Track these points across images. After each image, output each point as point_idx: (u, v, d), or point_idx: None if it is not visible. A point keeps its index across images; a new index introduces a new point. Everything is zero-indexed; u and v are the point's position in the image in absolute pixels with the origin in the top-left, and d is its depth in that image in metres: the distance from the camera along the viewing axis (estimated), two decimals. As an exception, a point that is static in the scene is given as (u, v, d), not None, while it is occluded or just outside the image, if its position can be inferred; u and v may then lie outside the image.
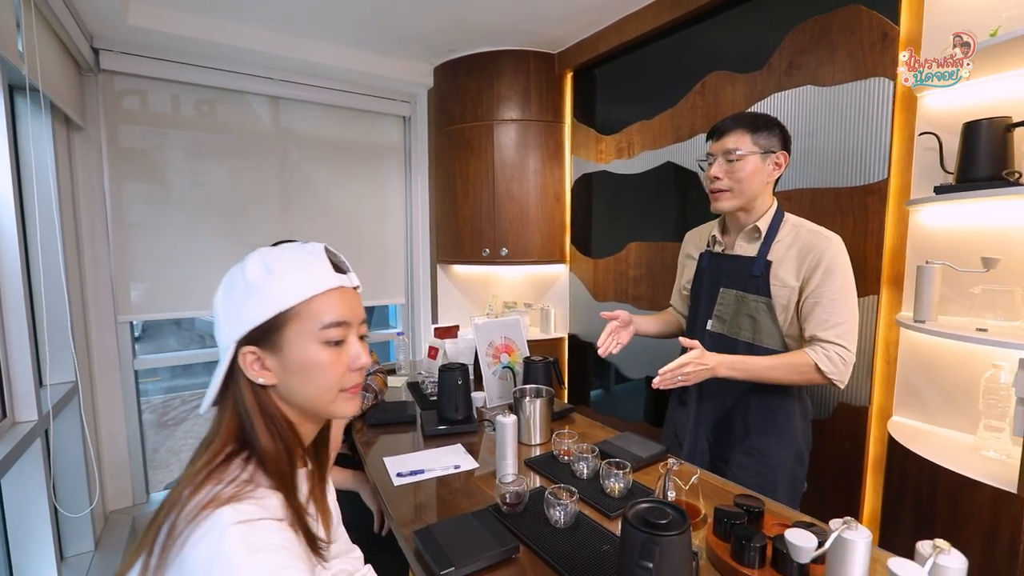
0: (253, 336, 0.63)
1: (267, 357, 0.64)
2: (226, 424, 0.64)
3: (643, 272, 2.35)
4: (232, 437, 0.63)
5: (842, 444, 1.61)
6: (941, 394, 1.45)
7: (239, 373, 0.64)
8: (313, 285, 0.65)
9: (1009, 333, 1.19)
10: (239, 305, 0.64)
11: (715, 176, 1.25)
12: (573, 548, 0.92)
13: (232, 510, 0.55)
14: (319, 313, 0.65)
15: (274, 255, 0.66)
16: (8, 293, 1.55)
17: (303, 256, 0.66)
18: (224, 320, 0.64)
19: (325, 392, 0.67)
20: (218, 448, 0.62)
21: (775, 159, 1.22)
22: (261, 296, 0.63)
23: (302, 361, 0.64)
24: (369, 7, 2.17)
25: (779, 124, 1.24)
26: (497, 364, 1.73)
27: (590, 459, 1.20)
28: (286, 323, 0.64)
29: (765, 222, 1.25)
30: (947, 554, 0.66)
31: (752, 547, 0.83)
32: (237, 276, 0.65)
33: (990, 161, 1.23)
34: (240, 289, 0.64)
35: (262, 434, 0.64)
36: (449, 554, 0.87)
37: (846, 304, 1.16)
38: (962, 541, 1.17)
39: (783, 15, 1.73)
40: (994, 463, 1.23)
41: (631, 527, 0.69)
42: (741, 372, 1.18)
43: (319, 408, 0.68)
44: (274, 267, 0.64)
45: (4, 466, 1.36)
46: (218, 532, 0.53)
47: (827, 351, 1.15)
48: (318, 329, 0.65)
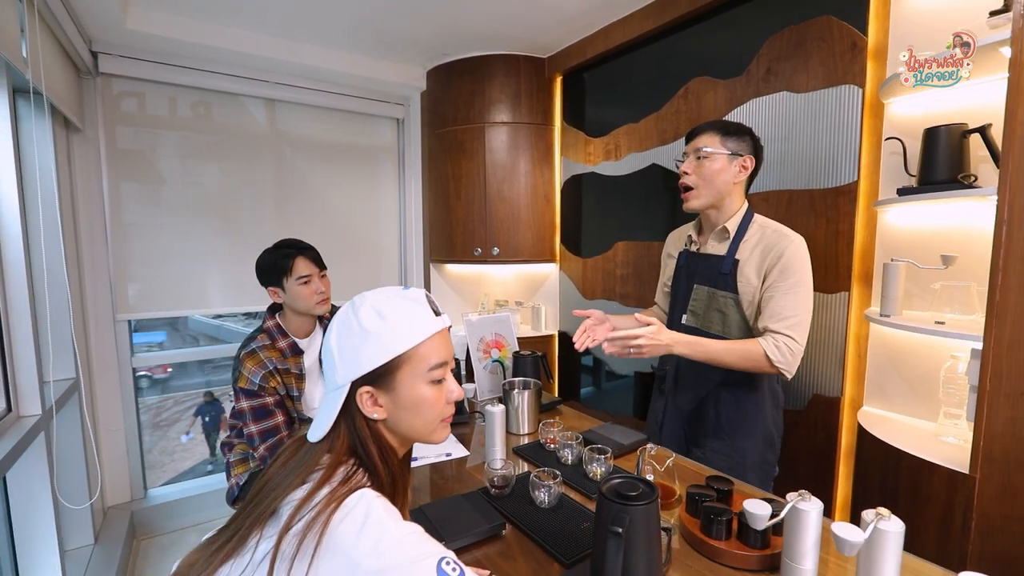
0: (369, 377, 0.71)
1: (380, 395, 0.72)
2: (339, 448, 0.70)
3: (630, 271, 2.43)
4: (346, 454, 0.70)
5: (816, 433, 1.69)
6: (906, 384, 1.54)
7: (354, 408, 0.72)
8: (422, 332, 0.72)
9: (964, 326, 1.27)
10: (356, 349, 0.70)
11: (684, 171, 1.34)
12: (556, 526, 0.99)
13: (369, 490, 0.65)
14: (427, 356, 0.72)
15: (385, 303, 0.73)
16: (12, 291, 1.60)
17: (410, 305, 0.74)
18: (340, 362, 0.71)
19: (430, 423, 0.75)
20: (334, 465, 0.68)
21: (742, 162, 1.31)
22: (378, 342, 0.70)
23: (413, 398, 0.72)
24: (363, 12, 2.23)
25: (751, 133, 1.33)
26: (488, 359, 1.80)
27: (574, 446, 1.27)
28: (400, 366, 0.71)
29: (734, 223, 1.33)
30: (887, 520, 0.73)
31: (719, 521, 0.91)
32: (351, 321, 0.72)
33: (948, 165, 1.31)
34: (356, 334, 0.71)
35: (375, 459, 0.72)
36: (440, 530, 0.94)
37: (799, 299, 1.24)
38: (923, 521, 1.26)
39: (761, 24, 1.81)
40: (952, 447, 1.31)
41: (604, 499, 0.76)
42: (695, 351, 1.24)
43: (422, 437, 0.76)
44: (387, 315, 0.71)
45: (11, 458, 1.41)
46: (365, 502, 0.63)
47: (777, 342, 1.23)
48: (426, 371, 0.73)
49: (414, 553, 0.61)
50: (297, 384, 1.57)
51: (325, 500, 0.63)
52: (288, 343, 1.57)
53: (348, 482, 0.67)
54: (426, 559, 0.61)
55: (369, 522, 0.61)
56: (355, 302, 0.74)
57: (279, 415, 1.49)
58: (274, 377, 1.50)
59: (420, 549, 0.62)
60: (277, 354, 1.54)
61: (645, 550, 0.75)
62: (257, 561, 0.62)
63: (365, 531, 0.61)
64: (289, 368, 1.55)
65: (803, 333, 1.24)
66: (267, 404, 1.48)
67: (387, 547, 0.60)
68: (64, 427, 1.97)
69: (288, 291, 1.55)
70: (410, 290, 0.76)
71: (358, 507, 0.62)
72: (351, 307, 0.73)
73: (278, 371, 1.52)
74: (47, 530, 1.71)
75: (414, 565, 0.60)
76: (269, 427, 1.47)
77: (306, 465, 0.69)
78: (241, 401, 1.48)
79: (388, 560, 0.59)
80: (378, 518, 0.62)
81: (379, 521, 0.62)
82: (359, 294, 0.75)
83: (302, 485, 0.66)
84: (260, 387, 1.47)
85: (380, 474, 0.71)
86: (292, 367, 1.56)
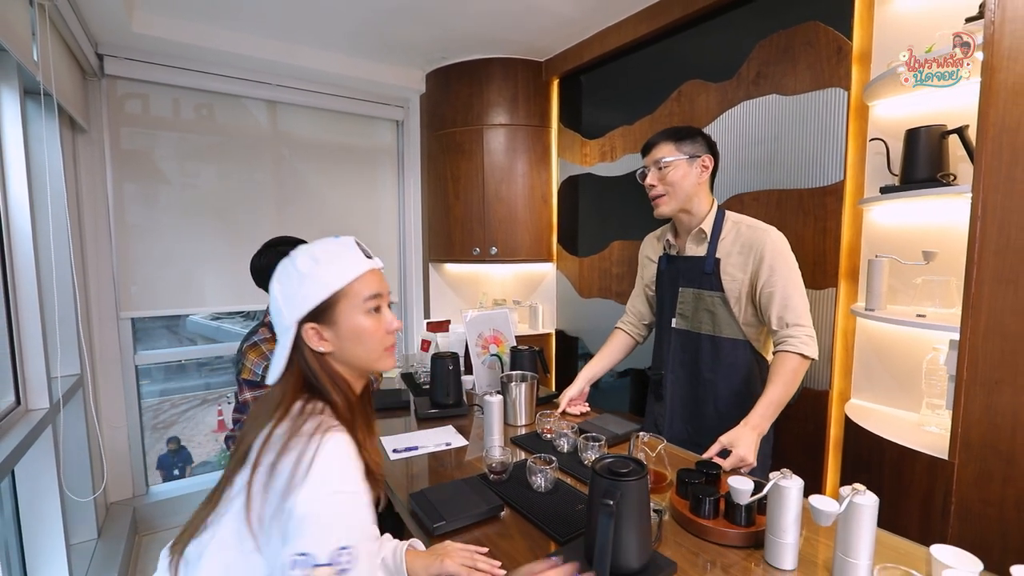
0: (312, 315, 0.78)
1: (324, 330, 0.79)
2: (292, 384, 0.79)
3: (626, 269, 2.48)
4: (300, 390, 0.78)
5: (806, 426, 1.74)
6: (891, 377, 1.59)
7: (303, 346, 0.79)
8: (355, 270, 0.81)
9: (944, 318, 1.32)
10: (296, 291, 0.78)
11: (650, 184, 1.41)
12: (551, 508, 1.04)
13: (332, 434, 0.71)
14: (361, 290, 0.81)
15: (319, 249, 0.81)
16: (23, 287, 1.64)
17: (340, 248, 0.83)
18: (285, 306, 0.79)
19: (372, 351, 0.83)
20: (291, 399, 0.77)
21: (701, 162, 1.37)
22: (316, 282, 0.78)
23: (354, 328, 0.80)
24: (364, 16, 2.28)
25: (701, 132, 1.40)
26: (486, 354, 1.84)
27: (570, 435, 1.31)
28: (338, 301, 0.79)
29: (708, 223, 1.39)
30: (862, 494, 0.78)
31: (707, 500, 0.95)
32: (289, 268, 0.80)
33: (928, 164, 1.37)
34: (296, 278, 0.79)
35: (329, 390, 0.79)
36: (441, 511, 0.98)
37: (795, 287, 1.30)
38: (906, 506, 1.30)
39: (751, 29, 1.87)
40: (933, 436, 1.36)
41: (597, 475, 0.80)
42: (771, 412, 1.23)
43: (369, 365, 0.84)
44: (321, 258, 0.80)
45: (20, 450, 1.45)
46: (325, 449, 0.69)
47: (800, 338, 1.26)
48: (362, 302, 0.81)
49: (331, 522, 0.66)
50: None
51: (286, 435, 0.71)
52: None
53: (304, 414, 0.74)
54: (335, 534, 0.66)
55: (316, 467, 0.67)
56: (291, 254, 0.82)
57: None
58: None
59: (341, 521, 0.67)
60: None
61: (636, 525, 0.79)
62: (231, 499, 0.71)
63: (311, 474, 0.66)
64: None
65: (809, 316, 1.30)
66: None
67: (321, 496, 0.66)
68: (69, 422, 2.01)
69: None
70: (341, 238, 0.85)
71: (312, 447, 0.68)
72: (288, 259, 0.81)
73: None
74: (54, 523, 1.74)
75: (325, 530, 0.65)
76: None
77: (268, 407, 0.77)
78: (245, 392, 1.52)
79: (311, 508, 0.65)
80: (324, 466, 0.67)
81: (324, 468, 0.67)
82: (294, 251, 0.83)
83: (265, 425, 0.74)
84: (263, 377, 1.51)
85: (337, 403, 0.79)
86: None
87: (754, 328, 1.37)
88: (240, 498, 0.70)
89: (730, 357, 1.39)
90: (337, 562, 0.64)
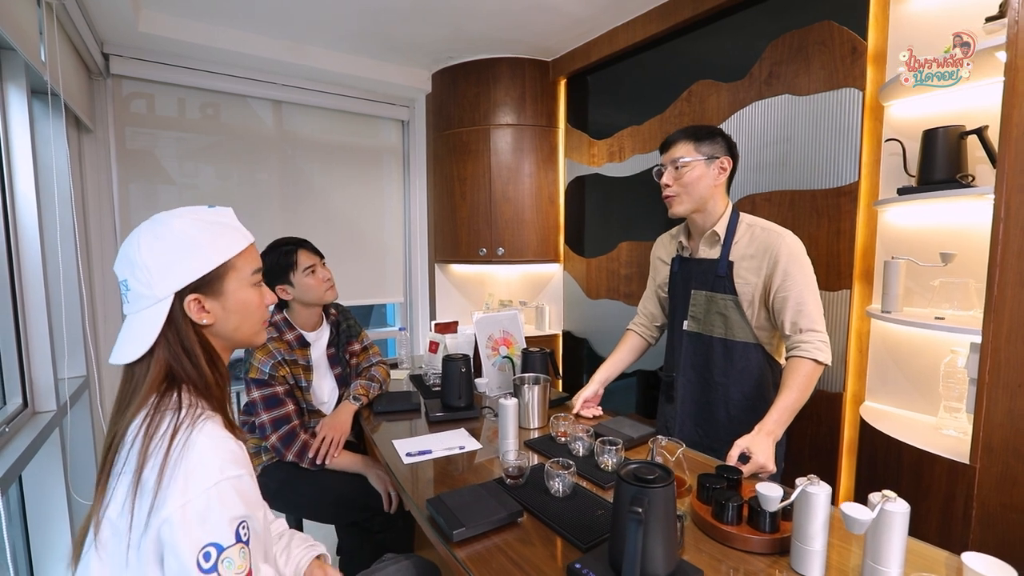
0: (195, 285, 0.74)
1: (207, 301, 0.76)
2: (154, 368, 0.73)
3: (634, 270, 2.46)
4: (162, 378, 0.73)
5: (820, 428, 1.73)
6: (907, 379, 1.58)
7: (179, 318, 0.74)
8: (240, 242, 0.80)
9: (963, 321, 1.31)
10: (177, 260, 0.73)
11: (665, 183, 1.38)
12: (571, 513, 1.02)
13: (209, 424, 0.70)
14: (249, 263, 0.81)
15: (198, 217, 0.77)
16: (30, 288, 1.63)
17: (223, 219, 0.80)
18: (158, 274, 0.72)
19: (255, 324, 0.83)
20: (151, 389, 0.72)
21: (719, 164, 1.35)
22: (202, 251, 0.74)
23: (243, 301, 0.79)
24: (370, 16, 2.26)
25: (721, 133, 1.37)
26: (496, 356, 1.83)
27: (585, 439, 1.30)
28: (227, 272, 0.77)
29: (722, 226, 1.37)
30: (893, 501, 0.77)
31: (731, 506, 0.94)
32: (164, 234, 0.73)
33: (946, 165, 1.36)
34: (174, 245, 0.73)
35: (204, 366, 0.76)
36: (460, 517, 0.97)
37: (810, 293, 1.28)
38: (924, 510, 1.29)
39: (763, 28, 1.86)
40: (952, 440, 1.35)
41: (624, 482, 0.79)
42: (784, 418, 1.21)
43: (247, 339, 0.83)
44: (207, 227, 0.76)
45: (28, 454, 1.44)
46: (192, 446, 0.67)
47: (814, 343, 1.25)
48: (250, 274, 0.81)
49: (204, 521, 0.64)
50: (305, 375, 1.60)
51: (143, 438, 0.67)
52: (295, 335, 1.60)
53: (159, 410, 0.70)
54: (230, 513, 0.65)
55: (180, 469, 0.64)
56: (159, 219, 0.75)
57: (289, 403, 1.52)
58: (283, 367, 1.53)
59: (233, 502, 0.66)
60: (285, 346, 1.57)
61: (663, 532, 0.78)
62: (106, 504, 0.67)
63: (176, 477, 0.64)
64: (297, 359, 1.58)
65: (823, 322, 1.28)
66: (278, 393, 1.50)
67: (191, 497, 0.63)
68: (76, 424, 1.99)
69: (297, 285, 1.58)
70: (217, 207, 0.82)
71: (177, 449, 0.66)
72: (157, 224, 0.74)
73: (286, 361, 1.55)
74: (61, 526, 1.73)
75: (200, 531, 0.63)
76: (281, 415, 1.50)
77: (124, 397, 0.73)
78: (252, 392, 1.50)
79: (200, 505, 0.63)
80: (199, 464, 0.65)
81: (200, 466, 0.65)
82: (155, 215, 0.76)
83: (132, 421, 0.70)
84: (270, 376, 1.50)
85: (208, 380, 0.76)
86: (300, 359, 1.59)
87: (766, 332, 1.36)
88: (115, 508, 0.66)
89: (742, 361, 1.37)
90: (240, 538, 0.65)
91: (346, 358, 1.79)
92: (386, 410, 1.68)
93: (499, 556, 0.91)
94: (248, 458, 0.74)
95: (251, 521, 0.67)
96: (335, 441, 1.53)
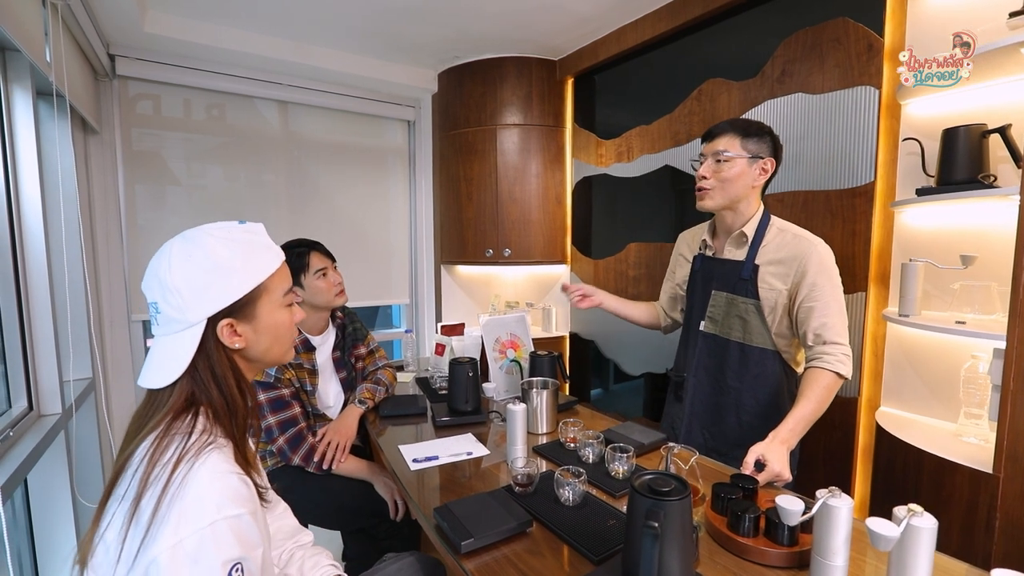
0: (229, 310, 0.72)
1: (239, 325, 0.74)
2: (179, 392, 0.71)
3: (642, 272, 2.43)
4: (185, 401, 0.71)
5: (833, 434, 1.69)
6: (925, 385, 1.54)
7: (211, 343, 0.72)
8: (273, 263, 0.77)
9: (985, 325, 1.27)
10: (210, 284, 0.70)
11: (703, 175, 1.33)
12: (582, 522, 1.00)
13: (215, 455, 0.67)
14: (280, 285, 0.79)
15: (230, 237, 0.74)
16: (35, 291, 1.62)
17: (255, 237, 0.78)
18: (193, 298, 0.70)
19: (286, 344, 0.82)
20: (170, 410, 0.70)
21: (762, 165, 1.29)
22: (236, 275, 0.72)
23: (275, 324, 0.78)
24: (375, 16, 2.24)
25: (771, 132, 1.31)
26: (504, 359, 1.81)
27: (595, 445, 1.27)
28: (260, 295, 0.75)
29: (752, 227, 1.32)
30: (920, 516, 0.74)
31: (748, 518, 0.91)
32: (196, 255, 0.71)
33: (967, 165, 1.32)
34: (209, 270, 0.71)
35: (235, 392, 0.74)
36: (468, 527, 0.95)
37: (837, 305, 1.24)
38: (945, 520, 1.25)
39: (775, 25, 1.82)
40: (973, 447, 1.31)
41: (638, 494, 0.76)
42: (801, 427, 1.18)
43: (278, 359, 0.82)
44: (238, 249, 0.73)
45: (33, 457, 1.43)
46: (207, 462, 0.65)
47: (836, 356, 1.21)
48: (282, 297, 0.79)
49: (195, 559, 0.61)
50: (310, 379, 1.58)
51: (147, 464, 0.64)
52: (300, 339, 1.59)
53: (169, 433, 0.68)
54: (223, 555, 0.62)
55: (216, 482, 0.63)
56: (191, 238, 0.72)
57: (295, 406, 1.51)
58: (289, 370, 1.52)
59: (228, 542, 0.62)
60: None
61: (679, 546, 0.75)
62: (104, 528, 0.65)
63: (213, 488, 0.63)
64: (302, 363, 1.56)
65: (847, 334, 1.25)
66: (284, 396, 1.49)
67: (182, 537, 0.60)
68: (81, 426, 1.99)
69: (308, 287, 1.56)
70: (248, 223, 0.79)
71: (176, 482, 0.63)
72: (189, 243, 0.72)
73: (292, 365, 1.53)
74: (66, 529, 1.72)
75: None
76: (287, 418, 1.48)
77: (146, 419, 0.71)
78: (258, 394, 1.49)
79: (192, 544, 0.60)
80: (196, 500, 0.62)
81: (197, 502, 0.62)
82: (187, 230, 0.74)
83: (142, 443, 0.68)
84: (276, 379, 1.48)
85: (237, 405, 0.73)
86: (305, 362, 1.57)
87: (785, 340, 1.32)
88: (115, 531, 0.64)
89: (758, 367, 1.34)
90: None
91: (352, 362, 1.77)
92: (392, 414, 1.66)
93: (508, 568, 0.89)
94: (253, 494, 0.70)
95: (247, 563, 0.64)
96: (341, 446, 1.51)
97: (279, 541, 0.98)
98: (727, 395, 1.37)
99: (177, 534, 0.60)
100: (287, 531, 1.00)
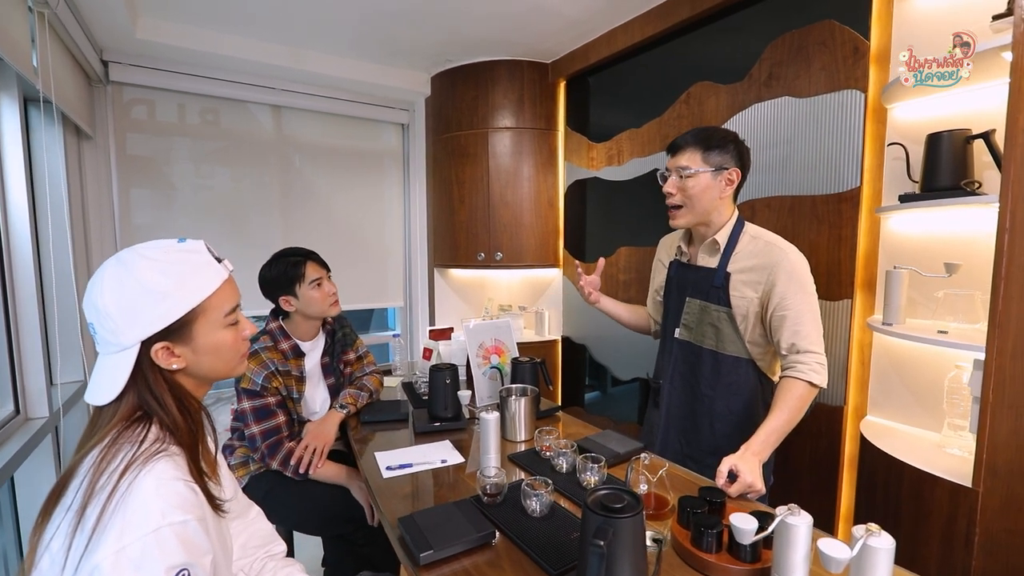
0: (162, 333, 0.71)
1: (176, 346, 0.74)
2: (123, 409, 0.71)
3: (632, 276, 2.41)
4: (129, 414, 0.71)
5: (819, 443, 1.66)
6: (910, 394, 1.51)
7: (146, 364, 0.72)
8: (211, 283, 0.75)
9: (968, 335, 1.25)
10: (143, 308, 0.70)
11: (668, 192, 1.32)
12: (546, 535, 0.99)
13: (163, 463, 0.66)
14: (220, 304, 0.76)
15: (166, 258, 0.73)
16: (22, 296, 1.64)
17: (193, 257, 0.76)
18: (124, 323, 0.69)
19: (230, 362, 0.81)
20: (115, 424, 0.70)
21: (727, 176, 1.27)
22: (169, 300, 0.71)
23: (213, 344, 0.76)
24: (368, 20, 2.25)
25: (734, 140, 1.28)
26: (487, 365, 1.80)
27: (569, 454, 1.26)
28: (196, 318, 0.74)
29: (724, 235, 1.31)
30: (877, 536, 0.72)
31: (710, 533, 0.89)
32: (126, 279, 0.70)
33: (951, 171, 1.29)
34: (140, 294, 0.70)
35: (175, 411, 0.73)
36: (429, 538, 0.94)
37: (810, 313, 1.22)
38: (925, 535, 1.23)
39: (762, 29, 1.80)
40: (956, 459, 1.28)
41: (589, 511, 0.75)
42: (773, 440, 1.16)
43: (225, 375, 0.82)
44: (171, 272, 0.72)
45: (18, 459, 1.44)
46: (154, 471, 0.65)
47: (810, 364, 1.19)
48: (222, 317, 0.77)
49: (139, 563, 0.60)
50: (298, 387, 1.58)
51: (92, 474, 0.64)
52: (290, 345, 1.59)
53: (117, 443, 0.67)
54: (168, 560, 0.61)
55: (119, 512, 0.62)
56: (125, 260, 0.71)
57: (280, 415, 1.51)
58: (276, 378, 1.52)
59: (173, 548, 0.62)
60: (279, 356, 1.55)
61: (630, 563, 0.74)
62: (49, 538, 0.64)
63: (115, 520, 0.61)
64: (290, 370, 1.57)
65: (822, 343, 1.22)
66: (269, 404, 1.49)
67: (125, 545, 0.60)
68: (71, 429, 2.01)
69: (302, 297, 1.56)
70: (187, 242, 0.77)
71: (121, 490, 0.63)
72: (121, 266, 0.71)
73: (279, 372, 1.53)
74: (53, 530, 1.74)
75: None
76: (271, 427, 1.49)
77: (93, 431, 0.70)
78: (243, 402, 1.49)
79: (136, 550, 0.60)
80: (141, 507, 0.62)
81: (141, 510, 0.62)
82: (123, 251, 0.73)
83: (89, 453, 0.67)
84: (263, 387, 1.48)
85: (180, 425, 0.73)
86: (293, 369, 1.57)
87: (760, 348, 1.30)
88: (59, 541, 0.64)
89: (731, 375, 1.32)
90: None
91: (340, 368, 1.77)
92: (373, 419, 1.65)
93: (466, 581, 0.88)
94: (201, 500, 0.70)
95: (194, 569, 0.64)
96: (318, 450, 1.51)
97: (250, 549, 0.98)
98: (700, 402, 1.36)
99: (121, 540, 0.60)
100: (260, 538, 0.99)
